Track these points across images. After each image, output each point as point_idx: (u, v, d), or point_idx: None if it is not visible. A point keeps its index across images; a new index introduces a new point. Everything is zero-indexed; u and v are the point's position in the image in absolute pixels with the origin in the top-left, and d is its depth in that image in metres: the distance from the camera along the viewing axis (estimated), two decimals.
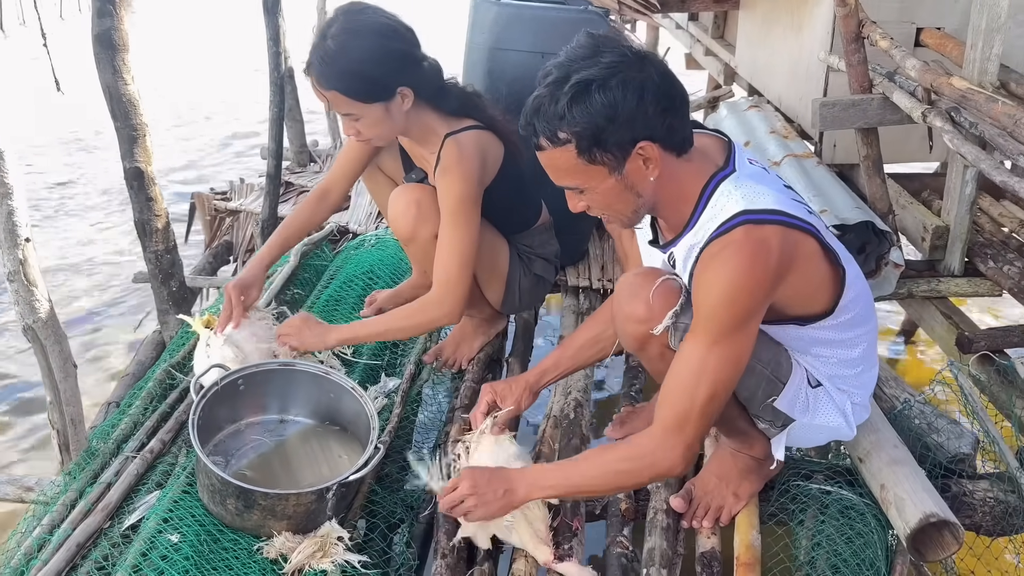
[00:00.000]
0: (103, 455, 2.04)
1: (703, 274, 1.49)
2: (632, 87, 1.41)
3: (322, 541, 1.74)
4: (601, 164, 1.47)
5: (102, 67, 2.51)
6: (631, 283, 1.69)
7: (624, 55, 1.43)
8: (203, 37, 11.92)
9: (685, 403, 1.50)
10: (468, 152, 2.16)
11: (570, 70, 1.42)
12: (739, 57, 4.31)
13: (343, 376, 2.05)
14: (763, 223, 1.46)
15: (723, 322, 1.47)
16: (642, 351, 1.71)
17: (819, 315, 1.61)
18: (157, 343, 2.84)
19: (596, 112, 1.40)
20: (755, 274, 1.45)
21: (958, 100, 2.24)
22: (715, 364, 1.48)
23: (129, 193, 2.64)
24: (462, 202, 2.15)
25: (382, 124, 2.10)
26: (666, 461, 1.53)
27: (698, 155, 1.55)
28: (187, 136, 7.74)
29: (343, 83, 2.01)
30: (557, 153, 1.47)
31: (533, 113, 1.46)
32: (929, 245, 2.68)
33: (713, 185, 1.53)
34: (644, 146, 1.45)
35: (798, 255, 1.50)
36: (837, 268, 1.58)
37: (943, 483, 1.83)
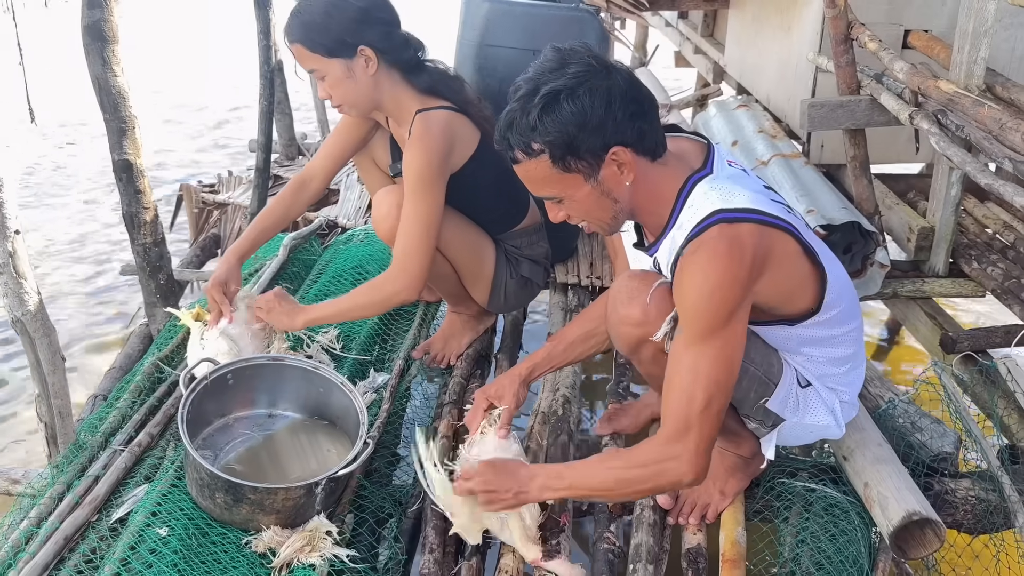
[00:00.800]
0: (91, 448, 2.03)
1: (681, 276, 1.51)
2: (599, 94, 1.45)
3: (311, 535, 1.75)
4: (576, 172, 1.50)
5: (92, 59, 2.49)
6: (628, 286, 1.69)
7: (590, 65, 1.47)
8: (192, 30, 11.84)
9: (683, 409, 1.51)
10: (435, 129, 2.17)
11: (539, 83, 1.46)
12: (728, 56, 4.33)
13: (332, 371, 2.05)
14: (737, 221, 1.47)
15: (706, 321, 1.48)
16: (635, 354, 1.72)
17: (806, 313, 1.62)
18: (145, 336, 2.83)
19: (566, 121, 1.44)
20: (730, 271, 1.46)
21: (945, 103, 2.26)
22: (706, 365, 1.49)
23: (118, 185, 2.63)
24: (422, 177, 2.16)
25: (345, 84, 2.13)
26: (674, 469, 1.53)
27: (673, 158, 1.57)
28: (175, 129, 7.70)
29: (303, 33, 2.08)
30: (532, 164, 1.50)
31: (507, 128, 1.50)
32: (914, 246, 2.71)
33: (689, 187, 1.55)
34: (616, 151, 1.48)
35: (774, 252, 1.51)
36: (817, 266, 1.59)
37: (926, 481, 1.86)
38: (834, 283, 1.62)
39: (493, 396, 1.90)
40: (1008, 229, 2.85)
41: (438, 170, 2.18)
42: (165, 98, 8.39)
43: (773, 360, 1.68)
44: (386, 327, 2.65)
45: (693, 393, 1.50)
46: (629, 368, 2.47)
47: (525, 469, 1.70)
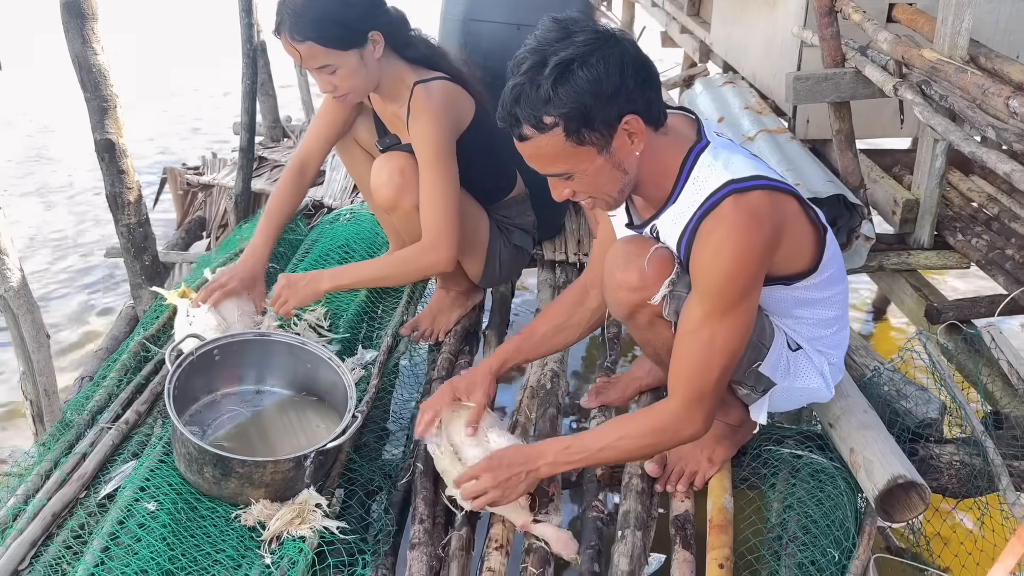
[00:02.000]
0: (78, 426, 2.02)
1: (702, 252, 1.50)
2: (613, 61, 1.41)
3: (300, 508, 1.75)
4: (590, 144, 1.46)
5: (71, 37, 2.46)
6: (624, 251, 1.67)
7: (597, 32, 1.44)
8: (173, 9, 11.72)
9: (702, 378, 1.54)
10: (437, 98, 2.16)
11: (546, 54, 1.41)
12: (714, 34, 4.32)
13: (320, 346, 2.04)
14: (748, 190, 1.48)
15: (729, 296, 1.49)
16: (631, 319, 1.72)
17: (803, 273, 1.63)
18: (131, 317, 2.81)
19: (582, 90, 1.39)
20: (753, 245, 1.47)
21: (929, 72, 2.26)
22: (724, 337, 1.51)
23: (100, 165, 2.60)
24: (438, 146, 2.15)
25: (358, 74, 2.09)
26: (690, 430, 1.60)
27: (672, 131, 1.56)
28: (157, 109, 7.63)
29: (316, 31, 2.00)
30: (544, 139, 1.45)
31: (513, 102, 1.43)
32: (899, 218, 2.72)
33: (693, 157, 1.55)
34: (629, 120, 1.45)
35: (787, 216, 1.53)
36: (816, 226, 1.61)
37: (911, 447, 1.87)
38: (830, 243, 1.64)
39: (462, 391, 1.87)
40: (992, 202, 2.87)
41: (450, 138, 2.18)
42: (145, 79, 8.31)
43: (765, 324, 1.69)
44: (374, 305, 2.65)
45: (710, 365, 1.53)
46: (617, 342, 2.47)
47: (528, 449, 1.70)
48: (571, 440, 1.68)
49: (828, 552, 1.64)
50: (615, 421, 1.69)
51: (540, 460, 1.67)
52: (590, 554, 1.70)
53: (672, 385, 1.59)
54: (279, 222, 2.39)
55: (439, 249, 2.18)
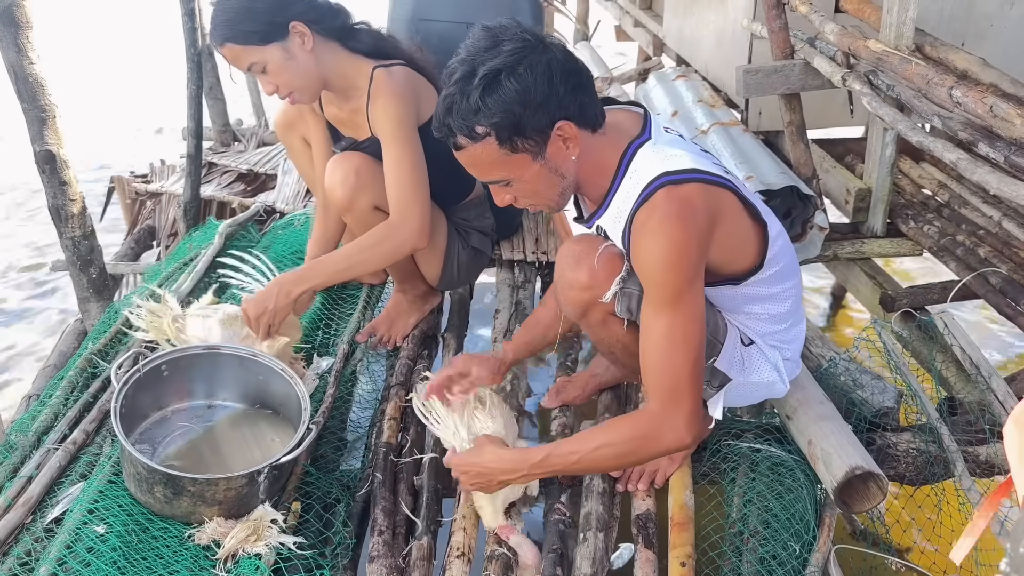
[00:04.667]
0: (22, 448, 1.96)
1: (639, 244, 1.50)
2: (540, 69, 1.42)
3: (255, 525, 1.71)
4: (523, 152, 1.47)
5: (5, 46, 2.38)
6: (573, 251, 1.69)
7: (525, 40, 1.44)
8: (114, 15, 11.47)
9: (671, 375, 1.52)
10: (399, 79, 2.14)
11: (475, 64, 1.42)
12: (667, 27, 4.33)
13: (271, 357, 2.00)
14: (682, 183, 1.48)
15: (673, 286, 1.49)
16: (584, 318, 1.72)
17: (749, 271, 1.63)
18: (78, 332, 2.73)
19: (510, 100, 1.41)
20: (687, 233, 1.47)
21: (875, 63, 2.28)
22: (681, 329, 1.50)
23: (41, 178, 2.52)
24: (400, 123, 2.11)
25: (288, 68, 2.05)
26: (672, 434, 1.54)
27: (612, 129, 1.57)
28: (101, 119, 7.46)
29: (229, 30, 1.99)
30: (478, 148, 1.46)
31: (446, 113, 1.45)
32: (852, 207, 2.75)
33: (631, 153, 1.55)
34: (562, 126, 1.47)
35: (722, 208, 1.53)
36: (759, 222, 1.61)
37: (868, 437, 1.89)
38: (775, 238, 1.64)
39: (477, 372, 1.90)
40: (943, 188, 2.91)
41: (412, 117, 2.14)
42: (88, 86, 8.12)
43: (718, 320, 1.69)
44: (329, 311, 2.60)
45: (676, 360, 1.51)
46: (576, 341, 2.46)
47: (509, 456, 1.68)
48: (545, 454, 1.63)
49: (789, 545, 1.64)
50: (591, 431, 1.64)
51: (513, 474, 1.65)
52: (552, 558, 1.68)
53: (648, 392, 1.59)
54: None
55: (409, 222, 2.10)
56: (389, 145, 2.13)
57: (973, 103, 1.80)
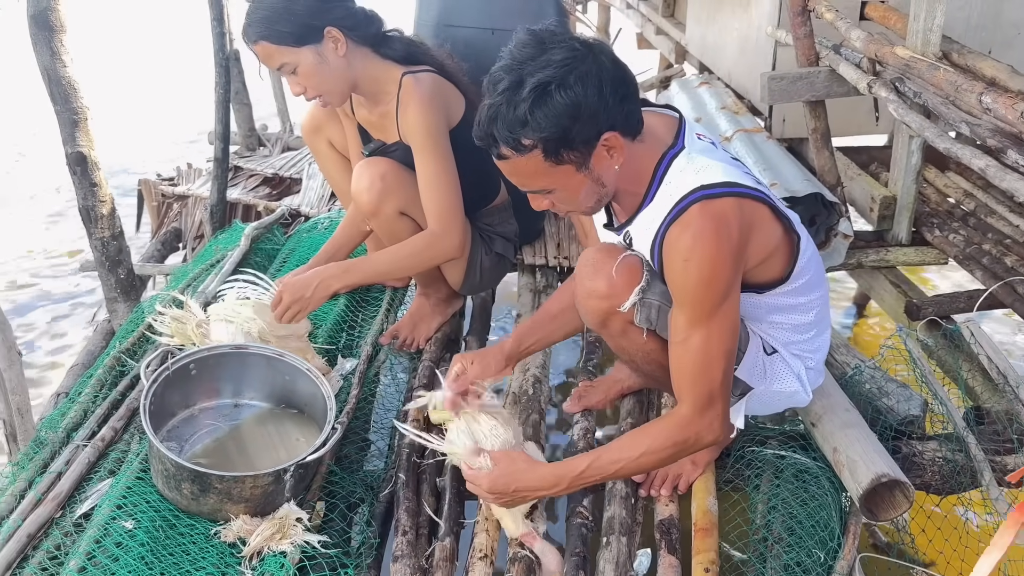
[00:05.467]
0: (52, 444, 1.99)
1: (673, 260, 1.50)
2: (591, 80, 1.38)
3: (281, 523, 1.72)
4: (568, 163, 1.44)
5: (39, 49, 2.43)
6: (592, 260, 1.67)
7: (574, 48, 1.40)
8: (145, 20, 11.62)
9: (706, 384, 1.54)
10: (427, 86, 2.15)
11: (522, 73, 1.38)
12: (689, 35, 4.33)
13: (297, 358, 2.02)
14: (717, 196, 1.47)
15: (709, 302, 1.49)
16: (604, 327, 1.71)
17: (776, 281, 1.63)
18: (106, 332, 2.77)
19: (560, 113, 1.37)
20: (723, 249, 1.46)
21: (902, 69, 2.27)
22: (717, 340, 1.51)
23: (72, 179, 2.56)
24: (432, 132, 2.14)
25: (320, 72, 2.07)
26: (710, 435, 1.59)
27: (648, 135, 1.55)
28: (131, 122, 7.55)
29: (265, 28, 2.01)
30: (522, 160, 1.43)
31: (490, 123, 1.41)
32: (877, 215, 2.73)
33: (666, 163, 1.54)
34: (608, 137, 1.44)
35: (755, 221, 1.52)
36: (790, 234, 1.61)
37: (893, 445, 1.87)
38: (804, 250, 1.63)
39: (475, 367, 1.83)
40: (968, 197, 2.89)
41: (443, 126, 2.17)
42: (119, 90, 8.23)
43: (740, 329, 1.68)
44: (353, 314, 2.62)
45: (711, 371, 1.53)
46: (599, 345, 2.46)
47: (548, 470, 1.66)
48: (587, 464, 1.63)
49: (814, 553, 1.63)
50: (630, 437, 1.65)
51: (555, 488, 1.65)
52: (575, 561, 1.68)
53: (679, 394, 1.59)
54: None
55: (452, 234, 2.17)
56: (423, 156, 2.15)
57: (1004, 109, 1.79)
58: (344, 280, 2.17)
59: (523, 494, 1.66)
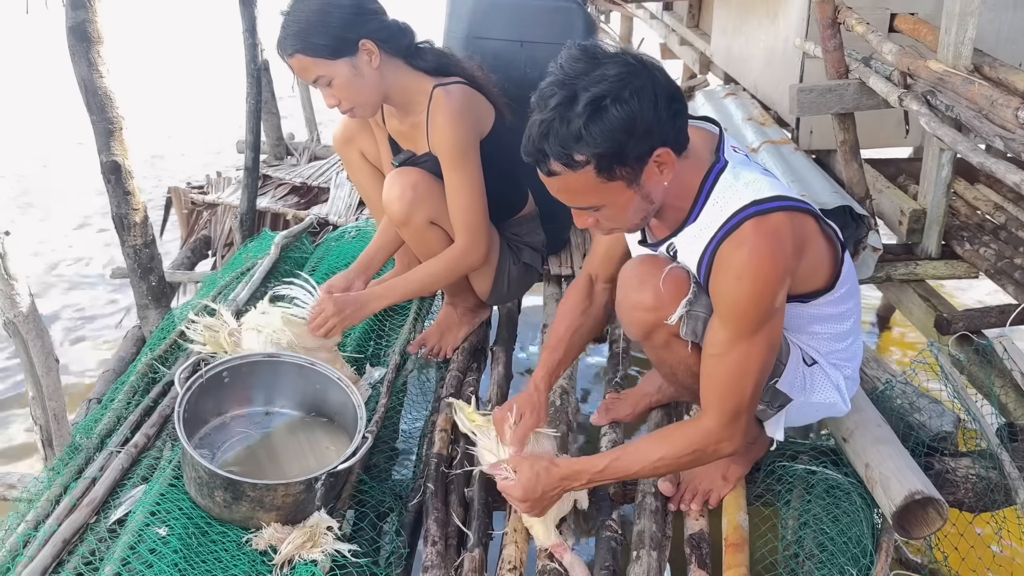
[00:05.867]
0: (87, 450, 2.01)
1: (724, 275, 1.49)
2: (646, 95, 1.37)
3: (311, 531, 1.73)
4: (620, 179, 1.43)
5: (77, 60, 2.47)
6: (638, 271, 1.65)
7: (628, 63, 1.39)
8: (175, 29, 11.77)
9: (737, 397, 1.55)
10: (458, 99, 2.17)
11: (576, 88, 1.36)
12: (714, 46, 4.33)
13: (328, 367, 2.03)
14: (769, 211, 1.47)
15: (754, 319, 1.49)
16: (647, 339, 1.70)
17: (820, 290, 1.63)
18: (138, 338, 2.81)
19: (616, 128, 1.36)
20: (776, 267, 1.46)
21: (935, 83, 2.26)
22: (755, 356, 1.52)
23: (106, 187, 2.60)
24: (460, 145, 2.16)
25: (354, 84, 2.09)
26: (729, 446, 1.61)
27: (691, 149, 1.54)
28: (159, 130, 7.65)
29: (302, 41, 2.03)
30: (575, 177, 1.41)
31: (542, 138, 1.39)
32: (906, 229, 2.71)
33: (712, 179, 1.54)
34: (661, 153, 1.43)
35: (806, 235, 1.52)
36: (834, 243, 1.61)
37: (926, 461, 1.86)
38: (846, 258, 1.63)
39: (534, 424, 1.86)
40: (999, 210, 2.86)
41: (473, 138, 2.20)
42: (150, 99, 8.34)
43: (781, 341, 1.67)
44: (381, 323, 2.64)
45: (742, 387, 1.54)
46: (626, 357, 2.46)
47: (566, 469, 1.68)
48: (607, 463, 1.66)
49: (845, 569, 1.62)
50: (650, 441, 1.68)
51: (575, 482, 1.68)
52: (604, 575, 1.68)
53: (705, 404, 1.59)
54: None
55: (480, 247, 2.26)
56: (452, 168, 2.18)
57: None
58: (382, 304, 2.29)
59: (550, 493, 1.68)
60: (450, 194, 2.21)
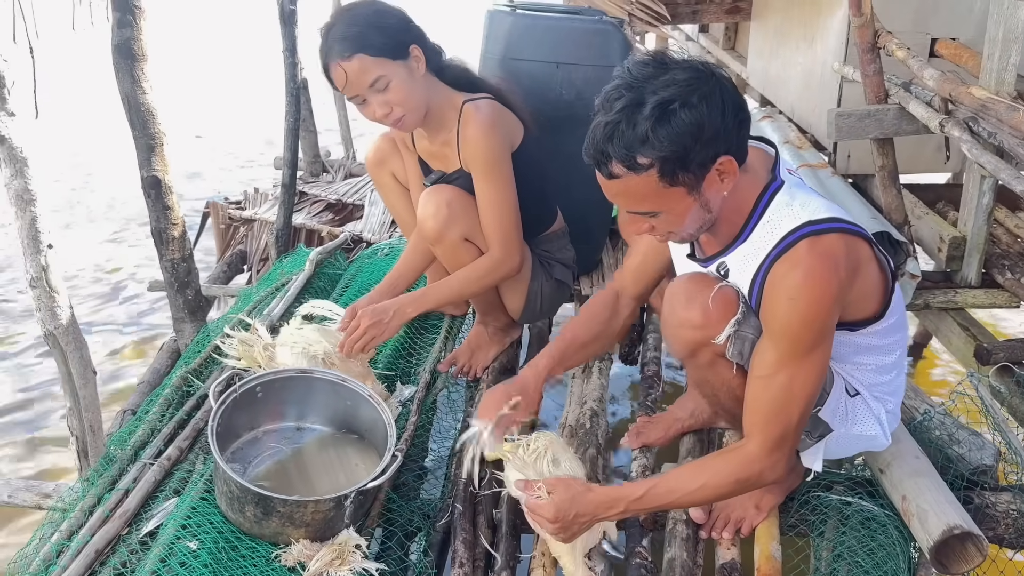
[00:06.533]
0: (121, 461, 2.04)
1: (777, 295, 1.48)
2: (714, 101, 1.37)
3: (340, 549, 1.74)
4: (681, 185, 1.42)
5: (121, 77, 2.52)
6: (686, 289, 1.63)
7: (696, 69, 1.39)
8: (213, 48, 11.99)
9: (783, 421, 1.52)
10: (487, 113, 2.19)
11: (644, 92, 1.36)
12: (751, 68, 4.32)
13: (360, 383, 2.04)
14: (824, 232, 1.45)
15: (805, 341, 1.47)
16: (692, 358, 1.67)
17: (869, 319, 1.60)
18: (172, 351, 2.84)
19: (683, 132, 1.36)
20: (830, 289, 1.45)
21: (977, 109, 2.23)
22: (801, 383, 1.49)
23: (146, 202, 2.64)
24: (491, 158, 2.18)
25: (410, 87, 2.10)
26: (772, 475, 1.57)
27: (749, 166, 1.53)
28: (194, 146, 7.78)
29: (362, 42, 2.05)
30: (636, 180, 1.41)
31: (606, 140, 1.39)
32: (946, 256, 2.67)
33: (767, 196, 1.53)
34: (724, 161, 1.42)
35: (860, 259, 1.51)
36: (884, 272, 1.58)
37: (965, 495, 1.82)
38: (896, 287, 1.61)
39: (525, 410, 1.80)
40: None
41: (504, 150, 2.21)
42: (189, 116, 8.50)
43: None
44: (412, 341, 2.65)
45: (789, 412, 1.51)
46: (657, 380, 2.44)
47: (602, 497, 1.62)
48: (645, 490, 1.60)
49: None
50: (691, 469, 1.62)
51: (611, 511, 1.62)
52: None
53: (749, 429, 1.56)
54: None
55: (514, 257, 2.28)
56: (484, 181, 2.19)
57: None
58: (417, 308, 2.28)
59: (582, 519, 1.62)
60: (482, 206, 2.23)
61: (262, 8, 6.25)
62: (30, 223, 1.90)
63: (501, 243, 2.25)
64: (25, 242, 1.89)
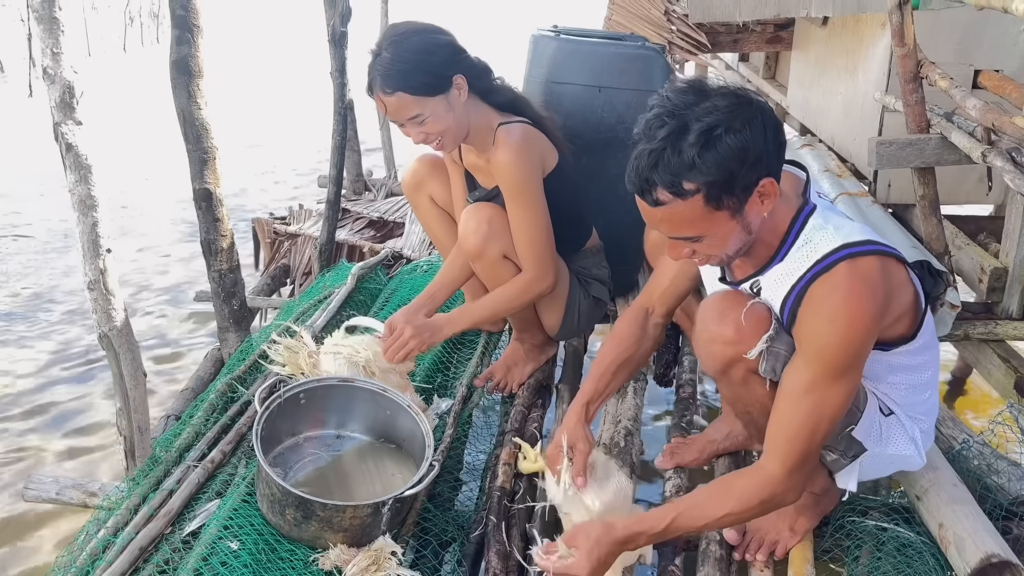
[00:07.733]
0: (166, 463, 2.09)
1: (814, 317, 1.49)
2: (756, 125, 1.39)
3: (376, 555, 1.77)
4: (725, 209, 1.43)
5: (178, 92, 2.62)
6: (719, 305, 1.64)
7: (736, 95, 1.41)
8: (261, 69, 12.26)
9: (805, 445, 1.52)
10: (518, 137, 2.24)
11: (686, 118, 1.38)
12: (791, 97, 4.33)
13: (400, 394, 2.08)
14: (861, 255, 1.47)
15: (840, 363, 1.48)
16: (724, 374, 1.68)
17: (902, 339, 1.61)
18: (216, 359, 2.91)
19: (729, 156, 1.37)
20: (867, 313, 1.46)
21: (1021, 140, 2.23)
22: (831, 406, 1.50)
23: (197, 213, 2.73)
24: (520, 180, 2.23)
25: (446, 118, 2.16)
26: (792, 495, 1.58)
27: (782, 189, 1.54)
28: (240, 162, 7.96)
29: (405, 80, 2.10)
30: (682, 206, 1.41)
31: (651, 168, 1.39)
32: (986, 287, 2.65)
33: (802, 219, 1.55)
34: (766, 183, 1.43)
35: (895, 282, 1.52)
36: (917, 292, 1.60)
37: (1004, 525, 1.80)
38: (927, 309, 1.62)
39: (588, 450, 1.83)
40: None
41: (534, 172, 2.26)
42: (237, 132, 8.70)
43: (859, 389, 1.65)
44: (449, 355, 2.69)
45: (815, 432, 1.51)
46: (692, 402, 2.45)
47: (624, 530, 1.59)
48: (668, 521, 1.58)
49: None
50: (713, 495, 1.61)
51: (634, 544, 1.62)
52: None
53: (771, 447, 1.55)
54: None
55: (548, 277, 2.33)
56: (514, 203, 2.25)
57: None
58: (456, 327, 2.36)
59: (613, 557, 1.61)
60: (514, 227, 2.28)
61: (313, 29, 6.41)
62: (91, 227, 1.98)
63: (534, 263, 2.30)
64: (85, 246, 1.97)
